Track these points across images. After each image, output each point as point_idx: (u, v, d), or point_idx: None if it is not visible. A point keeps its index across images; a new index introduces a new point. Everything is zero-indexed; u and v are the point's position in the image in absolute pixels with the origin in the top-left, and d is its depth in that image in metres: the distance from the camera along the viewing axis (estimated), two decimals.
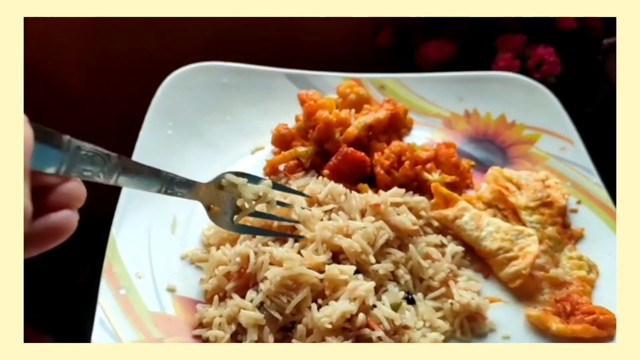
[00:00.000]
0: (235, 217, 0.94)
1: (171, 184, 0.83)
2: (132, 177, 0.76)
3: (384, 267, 0.98)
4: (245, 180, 0.94)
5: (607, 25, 1.56)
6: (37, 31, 1.39)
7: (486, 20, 1.57)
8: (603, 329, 0.99)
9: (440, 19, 1.58)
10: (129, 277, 1.00)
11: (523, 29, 1.55)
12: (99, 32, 1.51)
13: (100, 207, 1.04)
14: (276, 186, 0.99)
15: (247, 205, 0.94)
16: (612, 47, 1.52)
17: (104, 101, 1.51)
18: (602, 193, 1.21)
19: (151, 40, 1.54)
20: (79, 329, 1.01)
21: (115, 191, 1.12)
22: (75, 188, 0.63)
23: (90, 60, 1.56)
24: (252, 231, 1.02)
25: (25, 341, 0.60)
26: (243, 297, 0.96)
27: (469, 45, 1.59)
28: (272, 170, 1.22)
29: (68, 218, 0.60)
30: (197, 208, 1.13)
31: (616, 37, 1.46)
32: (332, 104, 1.26)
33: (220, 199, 0.92)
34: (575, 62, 1.55)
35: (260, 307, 0.93)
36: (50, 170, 0.60)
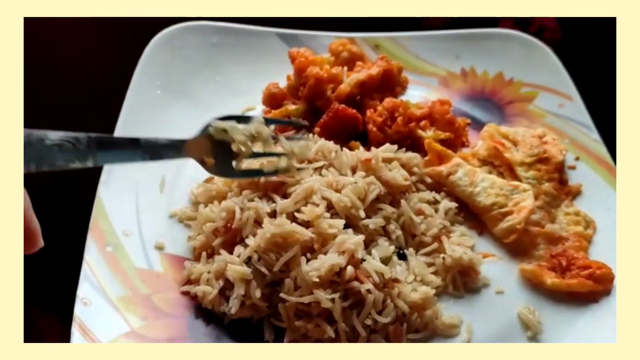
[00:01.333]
0: (234, 163, 0.91)
1: (155, 149, 0.81)
2: (110, 154, 0.74)
3: (374, 222, 0.96)
4: (233, 122, 0.90)
5: None
6: None
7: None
8: (599, 283, 0.97)
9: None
10: (116, 234, 0.99)
11: None
12: None
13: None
14: (268, 121, 0.95)
15: (243, 149, 0.91)
16: None
17: (90, 64, 1.47)
18: (601, 149, 1.18)
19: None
20: None
21: None
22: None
23: (75, 22, 1.53)
24: (257, 174, 0.96)
25: (34, 321, 0.59)
26: (231, 253, 0.94)
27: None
28: None
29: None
30: (185, 167, 1.12)
31: None
32: (323, 61, 1.23)
33: (213, 149, 0.89)
34: (576, 25, 1.51)
35: (248, 262, 0.91)
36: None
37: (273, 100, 1.23)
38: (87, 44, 1.50)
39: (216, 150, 0.90)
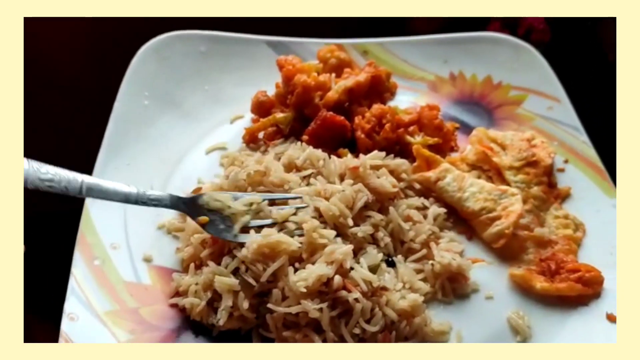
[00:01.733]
0: (234, 230, 0.94)
1: (145, 201, 0.93)
2: (99, 196, 0.90)
3: (362, 230, 0.96)
4: (228, 195, 0.95)
5: None
6: None
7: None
8: (589, 287, 0.96)
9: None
10: (104, 248, 0.99)
11: None
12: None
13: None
14: (265, 196, 0.98)
15: (239, 217, 0.95)
16: None
17: (79, 74, 1.47)
18: (590, 151, 1.18)
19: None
20: None
21: (90, 160, 1.10)
22: None
23: (61, 29, 1.53)
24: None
25: (29, 329, 0.59)
26: (219, 264, 0.94)
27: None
28: (251, 138, 1.19)
29: None
30: (173, 178, 1.12)
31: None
32: (311, 69, 1.23)
33: (206, 211, 0.95)
34: (564, 27, 1.51)
35: (236, 273, 0.91)
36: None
37: (261, 108, 1.23)
38: (73, 53, 1.49)
39: (210, 211, 0.95)
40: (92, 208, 1.03)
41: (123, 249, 1.00)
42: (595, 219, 1.08)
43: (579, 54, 1.60)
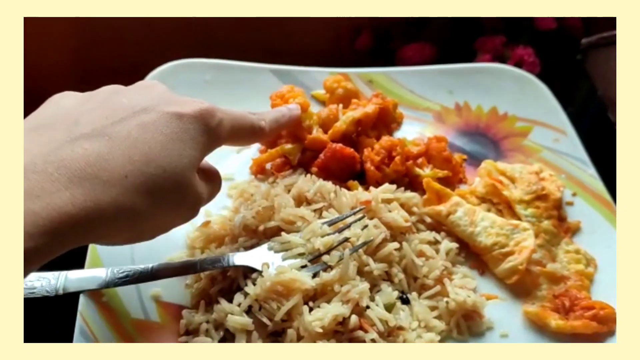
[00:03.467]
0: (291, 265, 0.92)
1: (205, 266, 0.93)
2: (167, 275, 0.93)
3: (378, 268, 0.94)
4: (297, 238, 0.95)
5: (587, 25, 1.57)
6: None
7: (465, 22, 1.55)
8: (603, 324, 0.96)
9: (420, 22, 1.56)
10: None
11: (502, 29, 1.54)
12: (74, 33, 1.46)
13: None
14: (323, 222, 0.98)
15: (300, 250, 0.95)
16: (592, 47, 1.52)
17: None
18: (598, 184, 1.18)
19: (130, 39, 1.49)
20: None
21: None
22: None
23: (65, 61, 1.51)
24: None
25: None
26: (230, 300, 0.92)
27: (448, 47, 1.57)
28: (258, 169, 1.18)
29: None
30: None
31: (595, 37, 1.47)
32: (296, 96, 1.21)
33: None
34: (554, 62, 1.53)
35: (249, 311, 0.89)
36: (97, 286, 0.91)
37: None
38: (62, 83, 1.47)
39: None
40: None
41: (131, 286, 0.97)
42: (605, 254, 1.08)
43: (568, 87, 1.63)
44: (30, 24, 1.32)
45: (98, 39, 1.47)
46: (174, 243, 1.05)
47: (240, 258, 0.94)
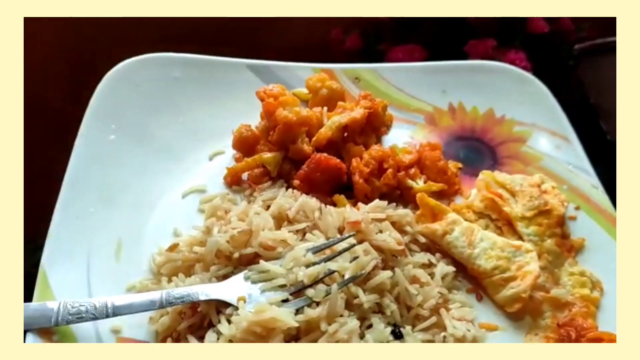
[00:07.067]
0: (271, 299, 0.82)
1: (170, 301, 0.82)
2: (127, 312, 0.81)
3: (369, 300, 0.84)
4: (277, 267, 0.84)
5: (579, 30, 1.48)
6: None
7: (456, 24, 1.45)
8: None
9: (410, 23, 1.46)
10: None
11: (494, 32, 1.44)
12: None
13: (30, 229, 0.88)
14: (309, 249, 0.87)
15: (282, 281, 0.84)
16: (584, 54, 1.44)
17: (40, 103, 1.30)
18: (602, 197, 1.09)
19: (93, 33, 1.34)
20: None
21: (48, 207, 0.95)
22: None
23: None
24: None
25: None
26: (200, 338, 0.81)
27: (438, 49, 1.47)
28: (233, 179, 1.06)
29: None
30: (145, 229, 0.98)
31: (588, 44, 1.40)
32: (295, 101, 1.10)
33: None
34: (546, 68, 1.45)
35: None
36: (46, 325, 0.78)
37: (245, 144, 1.10)
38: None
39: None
40: (50, 268, 0.88)
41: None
42: (611, 275, 0.99)
43: (560, 92, 1.55)
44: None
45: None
46: (137, 267, 0.93)
47: (213, 290, 0.82)
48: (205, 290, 0.82)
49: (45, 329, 0.80)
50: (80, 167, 1.00)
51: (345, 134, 1.10)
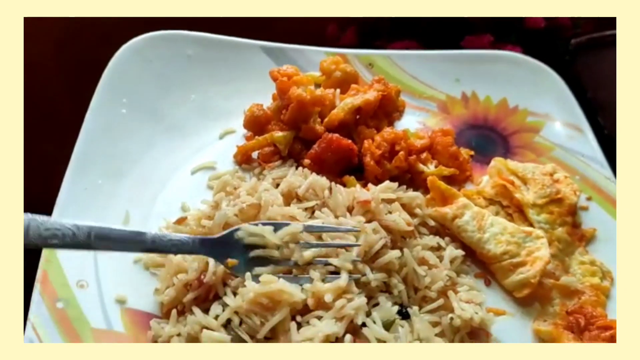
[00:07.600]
0: (256, 270, 0.81)
1: (163, 247, 0.79)
2: (110, 247, 0.77)
3: (376, 278, 0.83)
4: (271, 228, 0.82)
5: (575, 26, 1.46)
6: None
7: (452, 20, 1.43)
8: None
9: (406, 19, 1.44)
10: (69, 287, 0.84)
11: (491, 28, 1.42)
12: None
13: (36, 201, 0.87)
14: (308, 227, 0.85)
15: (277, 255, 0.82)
16: (581, 48, 1.42)
17: (46, 78, 1.30)
18: (614, 188, 1.08)
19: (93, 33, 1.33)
20: None
21: (55, 180, 0.94)
22: None
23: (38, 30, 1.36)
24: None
25: None
26: (206, 310, 0.80)
27: (434, 45, 1.45)
28: (243, 157, 1.06)
29: None
30: (153, 203, 0.98)
31: (585, 38, 1.38)
32: (308, 81, 1.10)
33: (238, 251, 0.82)
34: (543, 62, 1.44)
35: (227, 326, 0.77)
36: None
37: (256, 123, 1.09)
38: (40, 55, 1.32)
39: (240, 252, 0.82)
40: None
41: (92, 288, 0.85)
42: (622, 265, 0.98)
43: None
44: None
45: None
46: None
47: (205, 244, 0.81)
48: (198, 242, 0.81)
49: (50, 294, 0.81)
50: (90, 139, 1.00)
51: (358, 117, 1.09)
